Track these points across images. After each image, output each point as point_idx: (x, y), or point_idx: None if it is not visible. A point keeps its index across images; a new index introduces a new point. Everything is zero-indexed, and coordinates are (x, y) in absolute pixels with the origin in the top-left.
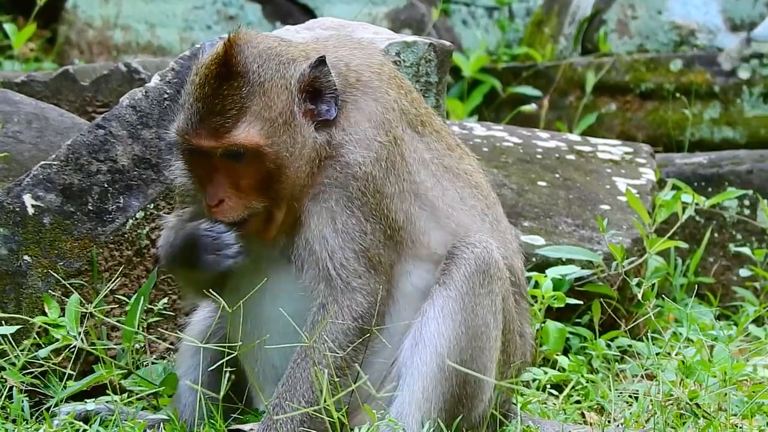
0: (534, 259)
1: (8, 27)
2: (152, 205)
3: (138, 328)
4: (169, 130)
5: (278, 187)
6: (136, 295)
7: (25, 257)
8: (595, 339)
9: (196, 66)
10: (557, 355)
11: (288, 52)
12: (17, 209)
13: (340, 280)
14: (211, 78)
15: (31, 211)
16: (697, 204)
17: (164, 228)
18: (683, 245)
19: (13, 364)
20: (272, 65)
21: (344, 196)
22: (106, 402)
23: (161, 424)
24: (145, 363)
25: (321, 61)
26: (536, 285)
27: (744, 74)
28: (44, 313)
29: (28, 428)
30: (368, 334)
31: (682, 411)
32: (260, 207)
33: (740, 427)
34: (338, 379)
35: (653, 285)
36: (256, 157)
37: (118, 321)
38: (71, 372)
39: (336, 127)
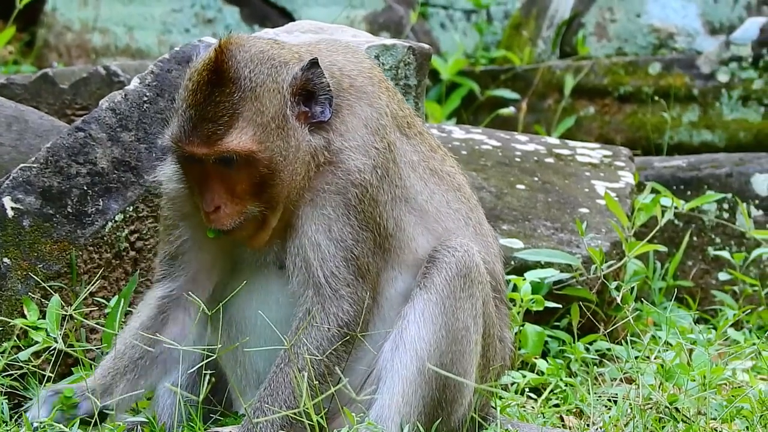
0: (513, 263)
1: None
2: (131, 207)
3: (117, 331)
4: (164, 136)
5: (273, 192)
6: (116, 297)
7: (5, 260)
8: (574, 342)
9: (190, 71)
10: (536, 358)
11: (280, 55)
12: None
13: (329, 288)
14: (203, 84)
15: (10, 213)
16: (676, 207)
17: (143, 301)
18: (662, 249)
19: None
20: (264, 69)
21: (342, 203)
22: None
23: (140, 427)
24: None
25: (314, 63)
26: (515, 288)
27: (723, 77)
28: (24, 316)
29: (7, 430)
30: (352, 342)
31: (661, 415)
32: (256, 212)
33: (719, 431)
34: (320, 385)
35: (632, 288)
36: (250, 162)
37: (97, 323)
38: (50, 374)
39: (334, 132)
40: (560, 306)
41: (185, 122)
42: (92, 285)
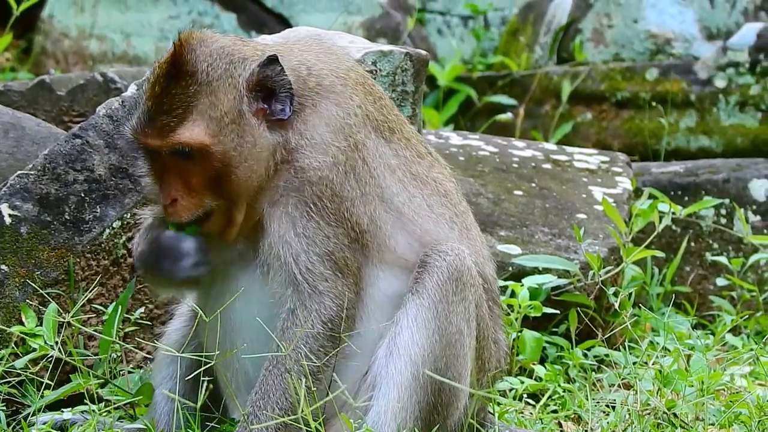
0: (510, 269)
1: None
2: (129, 214)
3: (115, 338)
4: (125, 128)
5: (229, 186)
6: (113, 304)
7: (2, 267)
8: (572, 348)
9: (153, 66)
10: (534, 364)
11: (241, 51)
12: None
13: (306, 284)
14: (162, 77)
15: (8, 220)
16: (673, 213)
17: (140, 226)
18: (660, 254)
19: None
20: (221, 64)
21: (301, 201)
22: (83, 411)
23: None
24: (121, 372)
25: (272, 60)
26: (513, 294)
27: (720, 83)
28: (21, 323)
29: None
30: (340, 337)
31: (659, 420)
32: (213, 206)
33: None
34: (312, 383)
35: (630, 294)
36: (203, 155)
37: (95, 330)
38: (48, 381)
39: (293, 131)
40: (558, 312)
41: (142, 114)
42: (90, 292)
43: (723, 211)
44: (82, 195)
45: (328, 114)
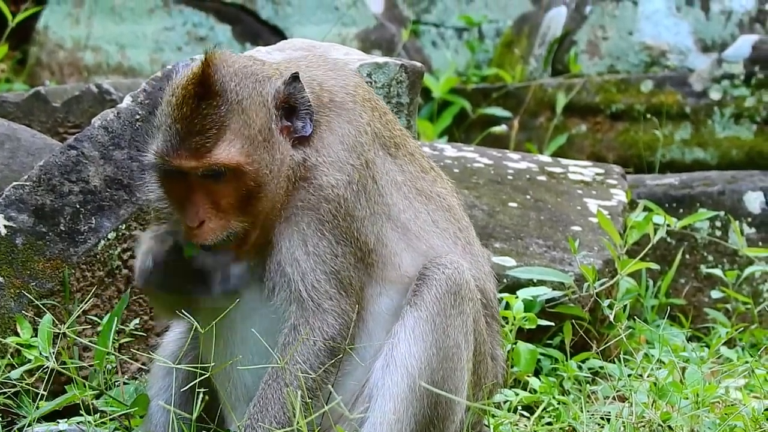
0: (505, 281)
1: None
2: (124, 225)
3: (110, 349)
4: (146, 152)
5: (258, 206)
6: (108, 315)
7: None
8: (567, 360)
9: (170, 87)
10: (528, 376)
11: (263, 71)
12: None
13: (311, 301)
14: (189, 98)
15: (3, 231)
16: (668, 225)
17: (139, 245)
18: (655, 267)
19: None
20: (248, 83)
21: (315, 219)
22: (79, 422)
23: None
24: (117, 383)
25: (295, 78)
26: (507, 306)
27: (715, 95)
28: (17, 334)
29: None
30: (340, 356)
31: None
32: (240, 227)
33: None
34: (310, 400)
35: (625, 306)
36: (237, 175)
37: (90, 341)
38: (43, 392)
39: (310, 147)
40: (553, 324)
41: (172, 136)
42: (85, 303)
43: (718, 224)
44: (78, 206)
45: (342, 132)
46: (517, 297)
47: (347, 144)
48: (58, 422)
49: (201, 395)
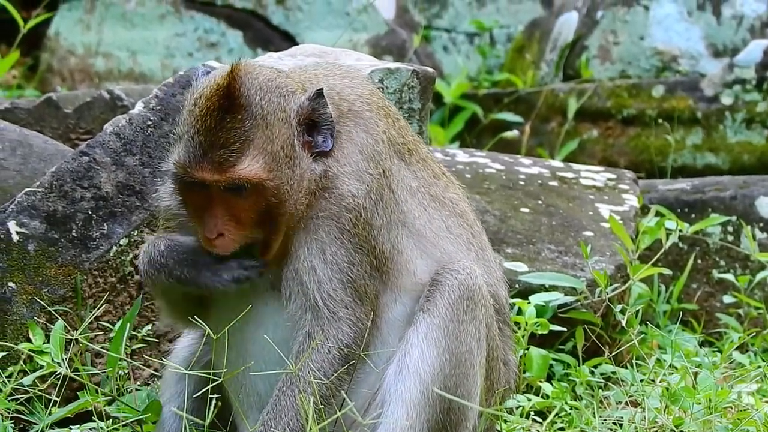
0: (517, 286)
1: None
2: (136, 231)
3: (122, 355)
4: (167, 162)
5: (277, 219)
6: (120, 321)
7: (10, 284)
8: (579, 366)
9: (193, 96)
10: (541, 381)
11: (286, 84)
12: (1, 236)
13: (327, 310)
14: (214, 110)
15: (15, 238)
16: (680, 230)
17: (147, 243)
18: (667, 272)
19: None
20: (273, 98)
21: (335, 228)
22: (91, 429)
23: None
24: (129, 390)
25: (319, 93)
26: (519, 312)
27: (727, 100)
28: (29, 340)
29: None
30: (354, 362)
31: None
32: (258, 239)
33: None
34: (323, 408)
35: (637, 312)
36: (258, 190)
37: (102, 347)
38: (56, 399)
39: (331, 158)
40: (565, 329)
41: (195, 148)
42: (97, 309)
43: (730, 229)
44: (89, 212)
45: (360, 141)
46: (529, 302)
47: (366, 154)
48: (70, 428)
49: (214, 401)
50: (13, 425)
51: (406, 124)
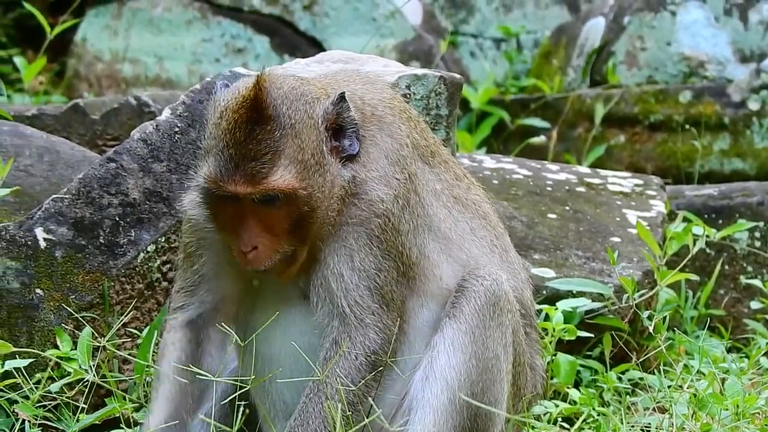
0: (544, 292)
1: (18, 60)
2: (163, 238)
3: (150, 362)
4: (197, 177)
5: (310, 228)
6: (148, 328)
7: (37, 290)
8: (606, 372)
9: (218, 109)
10: (568, 388)
11: (310, 91)
12: (29, 243)
13: (354, 316)
14: (242, 122)
15: (43, 244)
16: (707, 236)
17: (169, 327)
18: (694, 277)
19: (26, 397)
20: (299, 105)
21: (364, 234)
22: None
23: None
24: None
25: (342, 97)
26: (547, 318)
27: (754, 105)
28: (56, 347)
29: None
30: (381, 370)
31: None
32: (290, 250)
33: None
34: (351, 414)
35: (664, 317)
36: (291, 200)
37: (129, 354)
38: (83, 405)
39: (357, 164)
40: (592, 335)
41: (226, 161)
42: (125, 316)
43: (757, 234)
44: (117, 219)
45: (386, 146)
46: (556, 308)
47: (392, 158)
48: None
49: (241, 408)
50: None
51: (426, 127)
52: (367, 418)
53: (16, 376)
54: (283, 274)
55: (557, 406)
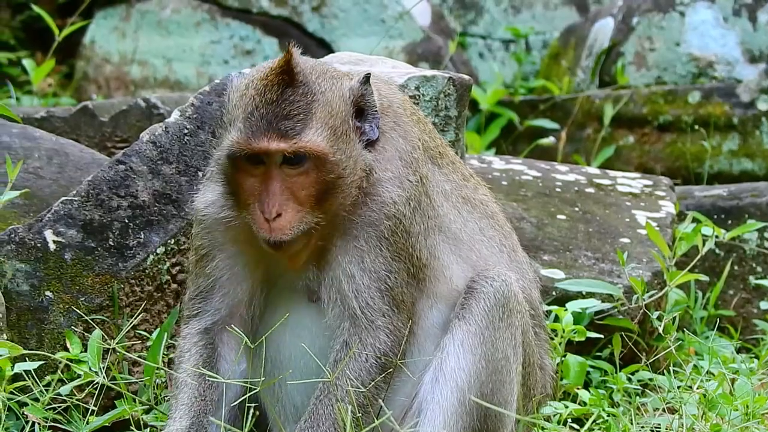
0: (554, 293)
1: (27, 62)
2: (173, 240)
3: (159, 364)
4: (222, 145)
5: (332, 202)
6: (158, 330)
7: (47, 293)
8: (616, 372)
9: (240, 86)
10: (578, 389)
11: (335, 70)
12: (39, 245)
13: (364, 318)
14: (274, 85)
15: (52, 246)
16: (717, 237)
17: (185, 334)
18: (703, 278)
19: (36, 399)
20: (327, 78)
21: (375, 235)
22: None
23: None
24: (166, 398)
25: (367, 79)
26: (556, 319)
27: (763, 106)
28: (66, 349)
29: None
30: (391, 371)
31: None
32: (313, 223)
33: None
34: (361, 416)
35: (674, 318)
36: (318, 165)
37: (139, 356)
38: (93, 408)
39: (374, 156)
40: (602, 336)
41: (257, 120)
42: (135, 318)
43: (767, 234)
44: (126, 221)
45: (400, 147)
46: (566, 309)
47: (405, 160)
48: None
49: (252, 410)
50: None
51: (433, 128)
52: (377, 419)
53: (26, 378)
54: (295, 259)
55: (567, 406)
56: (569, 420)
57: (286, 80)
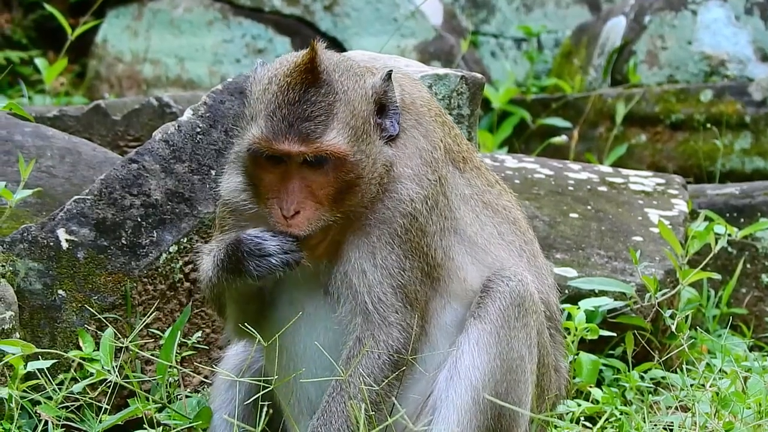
0: (567, 291)
1: (39, 62)
2: (185, 239)
3: (172, 362)
4: (243, 139)
5: (351, 200)
6: (170, 328)
7: (60, 292)
8: (629, 371)
9: (263, 79)
10: (591, 387)
11: (358, 66)
12: (51, 244)
13: (377, 314)
14: (297, 84)
15: (65, 245)
16: (729, 235)
17: (203, 254)
18: (716, 276)
19: (49, 398)
20: (351, 76)
21: (387, 232)
22: None
23: None
24: (179, 397)
25: (390, 76)
26: (569, 317)
27: None
28: (79, 348)
29: None
30: (403, 369)
31: None
32: (331, 221)
33: None
34: (374, 414)
35: (686, 316)
36: (338, 165)
37: (152, 355)
38: (106, 406)
39: (394, 152)
40: (614, 334)
41: (279, 120)
42: (148, 317)
43: None
44: (139, 220)
45: (420, 146)
46: (578, 308)
47: (425, 159)
48: None
49: (265, 408)
50: None
51: (460, 133)
52: (389, 417)
53: (39, 377)
54: (312, 251)
55: (580, 405)
56: (582, 418)
57: (309, 79)
